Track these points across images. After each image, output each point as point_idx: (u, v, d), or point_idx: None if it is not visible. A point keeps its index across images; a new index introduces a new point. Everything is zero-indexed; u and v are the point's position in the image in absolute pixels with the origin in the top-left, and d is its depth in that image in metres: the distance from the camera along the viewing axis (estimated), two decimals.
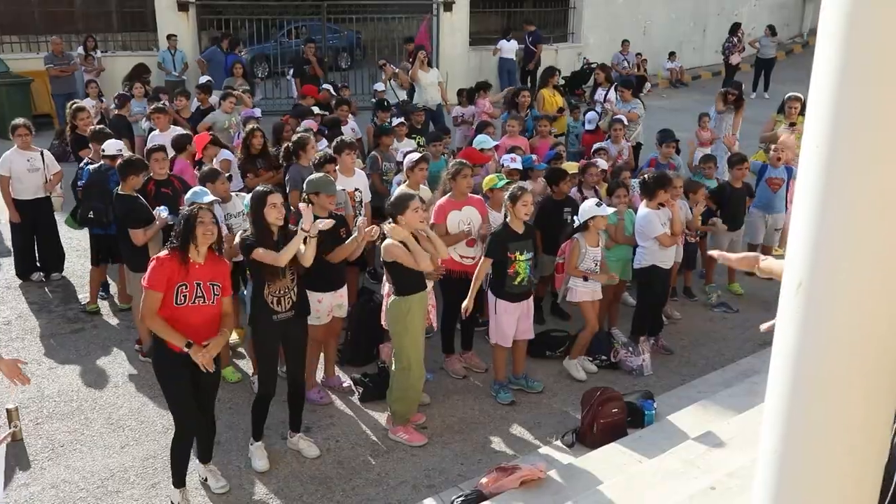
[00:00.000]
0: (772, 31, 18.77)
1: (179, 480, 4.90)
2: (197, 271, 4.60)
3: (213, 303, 4.66)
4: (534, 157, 8.43)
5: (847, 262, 1.36)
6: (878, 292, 1.37)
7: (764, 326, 2.42)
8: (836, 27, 1.32)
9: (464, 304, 5.98)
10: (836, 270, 1.38)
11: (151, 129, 9.34)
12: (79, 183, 7.57)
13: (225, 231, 6.38)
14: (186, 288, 4.55)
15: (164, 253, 4.64)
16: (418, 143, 9.21)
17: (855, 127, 1.32)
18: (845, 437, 1.44)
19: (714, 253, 2.66)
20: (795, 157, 8.34)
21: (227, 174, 7.28)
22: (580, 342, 6.61)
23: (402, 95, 12.19)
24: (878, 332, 1.39)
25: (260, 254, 4.98)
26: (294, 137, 7.71)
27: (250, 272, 5.26)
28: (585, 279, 6.41)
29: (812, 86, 1.38)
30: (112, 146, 7.45)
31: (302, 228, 5.09)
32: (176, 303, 4.54)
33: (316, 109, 10.11)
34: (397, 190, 6.51)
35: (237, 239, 5.33)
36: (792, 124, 9.24)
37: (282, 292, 5.11)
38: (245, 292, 6.04)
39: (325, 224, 5.26)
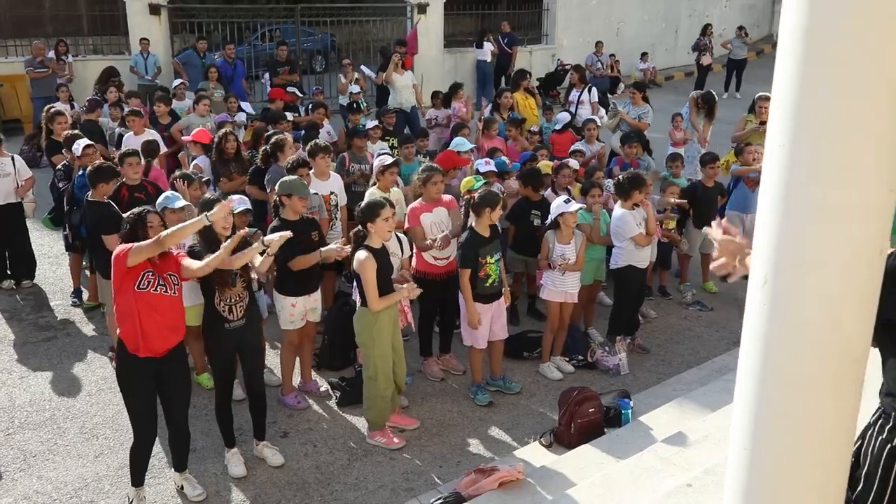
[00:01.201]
0: (743, 31, 18.99)
1: (137, 480, 4.87)
2: (156, 265, 4.58)
3: (174, 293, 4.62)
4: (506, 159, 8.45)
5: (810, 257, 1.38)
6: (841, 287, 1.39)
7: (715, 265, 2.21)
8: (796, 30, 1.34)
9: (468, 322, 5.97)
10: (799, 266, 1.39)
11: (121, 135, 9.29)
12: (74, 190, 7.44)
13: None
14: (152, 274, 4.52)
15: (121, 247, 4.57)
16: (391, 145, 9.21)
17: (816, 126, 1.34)
18: (812, 429, 1.46)
19: (706, 231, 2.43)
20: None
21: (205, 178, 7.24)
22: (545, 344, 6.65)
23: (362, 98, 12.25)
24: (841, 326, 1.42)
25: (210, 260, 4.80)
26: (272, 139, 7.68)
27: (200, 282, 5.14)
28: (556, 281, 6.45)
29: (774, 87, 1.40)
30: (80, 145, 7.42)
31: (263, 242, 5.03)
32: (139, 287, 4.47)
33: (290, 116, 10.06)
34: (367, 196, 6.51)
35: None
36: (762, 123, 9.34)
37: (233, 301, 5.06)
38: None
39: (282, 237, 5.10)
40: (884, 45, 1.30)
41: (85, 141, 7.62)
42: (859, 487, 2.01)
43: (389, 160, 6.91)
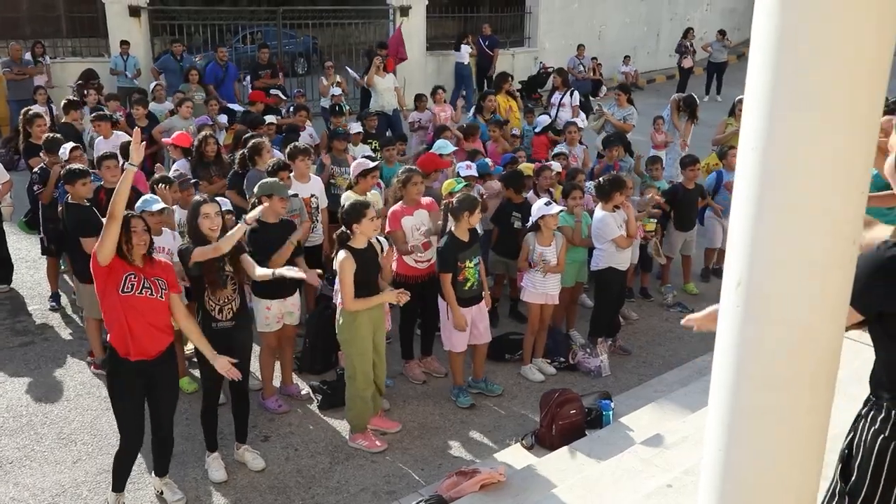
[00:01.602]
0: (723, 35, 19.14)
1: (118, 486, 4.84)
2: (139, 269, 4.54)
3: (161, 297, 4.57)
4: (489, 161, 8.47)
5: (783, 259, 1.39)
6: (813, 288, 1.40)
7: (685, 321, 2.46)
8: (767, 35, 1.35)
9: (455, 324, 5.97)
10: (772, 268, 1.40)
11: (94, 138, 9.24)
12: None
13: (177, 237, 6.31)
14: (134, 277, 4.47)
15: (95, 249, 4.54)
16: (373, 148, 9.20)
17: (787, 130, 1.35)
18: (786, 429, 1.47)
19: (683, 320, 2.66)
20: None
21: (193, 180, 7.18)
22: (526, 346, 6.67)
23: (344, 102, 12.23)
24: (814, 326, 1.43)
25: (200, 251, 4.91)
26: (249, 143, 7.64)
27: (191, 282, 5.18)
28: (537, 283, 6.46)
29: (746, 91, 1.41)
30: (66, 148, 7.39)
31: (245, 221, 5.11)
32: (123, 290, 4.42)
33: (273, 119, 10.02)
34: (344, 199, 6.52)
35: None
36: None
37: (223, 301, 5.06)
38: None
39: (260, 210, 5.31)
40: (854, 48, 1.32)
41: (71, 144, 7.58)
42: (853, 478, 2.03)
43: (370, 164, 6.88)
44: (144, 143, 4.74)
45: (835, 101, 1.33)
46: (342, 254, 5.33)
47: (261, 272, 5.08)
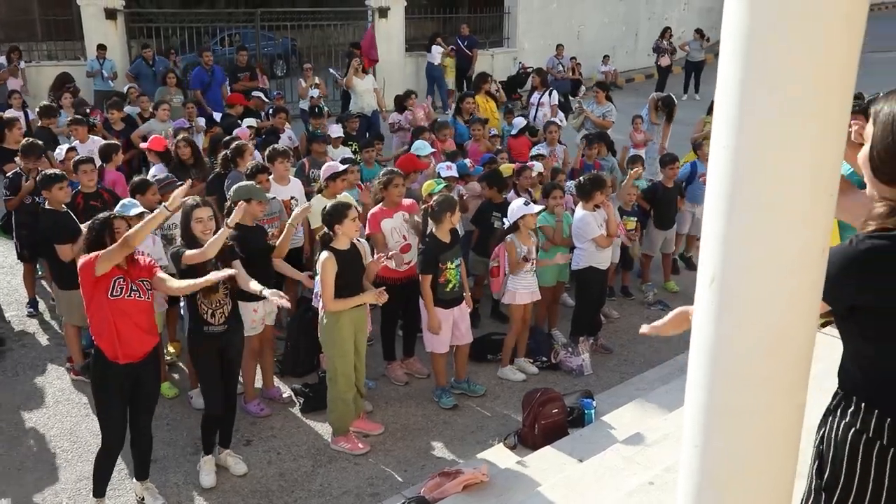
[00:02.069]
0: (700, 34, 19.27)
1: (99, 491, 4.80)
2: (126, 271, 4.55)
3: (147, 298, 4.63)
4: (468, 162, 8.48)
5: (755, 256, 1.40)
6: (786, 285, 1.41)
7: (645, 328, 2.47)
8: (736, 33, 1.36)
9: (428, 327, 5.98)
10: (745, 265, 1.42)
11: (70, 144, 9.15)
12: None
13: (157, 241, 6.27)
14: (123, 280, 4.50)
15: (87, 256, 4.52)
16: (353, 150, 9.18)
17: (758, 128, 1.36)
18: (760, 426, 1.48)
19: (643, 328, 2.67)
20: None
21: (179, 183, 7.12)
22: (507, 347, 6.68)
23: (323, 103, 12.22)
24: (787, 323, 1.44)
25: (188, 255, 4.93)
26: (232, 144, 7.60)
27: None
28: (523, 284, 6.48)
29: (717, 89, 1.42)
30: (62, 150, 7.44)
31: (227, 225, 5.11)
32: (112, 294, 4.45)
33: (252, 122, 9.97)
34: (321, 201, 6.52)
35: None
36: None
37: (215, 306, 5.05)
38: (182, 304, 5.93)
39: (238, 211, 5.26)
40: (824, 48, 1.33)
41: (66, 145, 7.56)
42: (826, 474, 2.04)
43: (339, 167, 6.85)
44: (187, 184, 4.87)
45: (807, 100, 1.34)
46: (324, 254, 5.34)
47: (254, 286, 5.05)
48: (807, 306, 1.44)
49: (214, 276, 4.72)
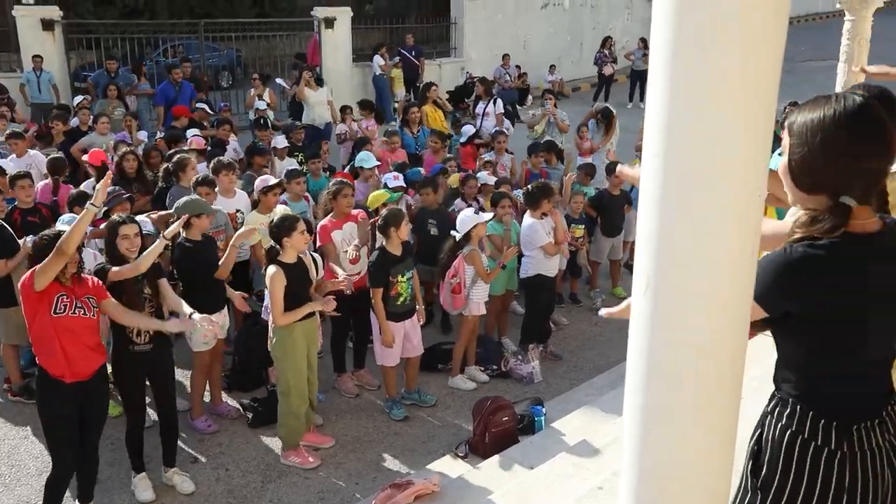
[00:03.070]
0: (644, 43, 19.65)
1: None
2: (70, 288, 4.43)
3: (93, 315, 4.52)
4: (421, 170, 8.50)
5: (687, 260, 1.43)
6: (718, 287, 1.44)
7: (604, 311, 2.52)
8: (663, 43, 1.39)
9: (383, 341, 5.94)
10: (678, 269, 1.44)
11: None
12: None
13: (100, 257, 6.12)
14: (66, 297, 4.37)
15: (26, 273, 4.40)
16: (300, 161, 9.12)
17: (686, 135, 1.39)
18: (695, 426, 1.51)
19: (602, 311, 2.73)
20: None
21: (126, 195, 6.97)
22: (457, 356, 6.67)
23: (271, 114, 12.12)
24: (719, 325, 1.47)
25: (115, 271, 4.80)
26: (174, 158, 7.47)
27: None
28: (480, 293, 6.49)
29: (648, 96, 1.44)
30: None
31: (164, 236, 5.04)
32: (56, 311, 4.33)
33: (196, 131, 9.82)
34: (247, 222, 6.46)
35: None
36: None
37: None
38: None
39: (178, 224, 5.23)
40: (748, 54, 1.36)
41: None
42: (763, 473, 2.09)
43: (271, 181, 6.76)
44: (108, 175, 4.65)
45: (733, 105, 1.38)
46: (272, 269, 5.27)
47: (185, 309, 4.96)
48: (739, 307, 1.48)
49: (204, 320, 4.74)
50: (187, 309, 4.94)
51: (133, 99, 13.81)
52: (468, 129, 10.36)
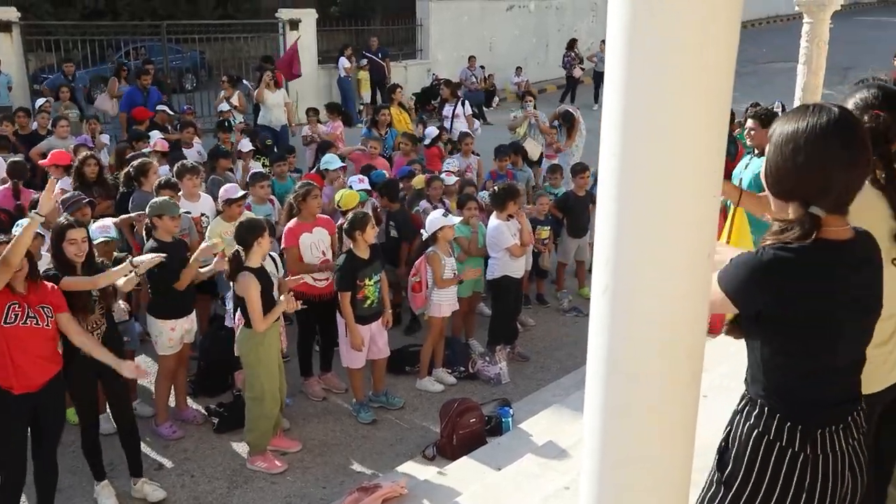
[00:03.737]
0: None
1: None
2: (23, 296, 4.31)
3: (48, 325, 4.38)
4: (386, 173, 8.48)
5: (644, 261, 1.45)
6: (675, 287, 1.46)
7: None
8: (618, 44, 1.40)
9: (352, 343, 5.91)
10: (635, 270, 1.46)
11: None
12: None
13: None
14: (18, 307, 4.25)
15: None
16: (263, 164, 9.05)
17: (642, 136, 1.40)
18: (654, 424, 1.53)
19: None
20: None
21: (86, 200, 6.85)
22: (424, 358, 6.67)
23: (239, 116, 12.02)
24: (677, 324, 1.49)
25: (71, 281, 4.63)
26: (134, 162, 7.37)
27: None
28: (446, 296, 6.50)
29: (605, 98, 1.46)
30: None
31: (131, 263, 4.89)
32: (6, 321, 4.20)
33: (158, 134, 9.69)
34: (210, 230, 6.42)
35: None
36: None
37: (92, 327, 4.82)
38: None
39: (152, 260, 5.04)
40: (705, 55, 1.38)
41: None
42: (728, 469, 2.13)
43: (236, 193, 6.60)
44: (51, 181, 4.51)
45: (688, 107, 1.40)
46: (245, 275, 5.20)
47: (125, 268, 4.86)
48: (696, 306, 1.50)
49: (133, 368, 4.69)
50: (126, 266, 4.82)
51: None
52: (431, 131, 10.35)
